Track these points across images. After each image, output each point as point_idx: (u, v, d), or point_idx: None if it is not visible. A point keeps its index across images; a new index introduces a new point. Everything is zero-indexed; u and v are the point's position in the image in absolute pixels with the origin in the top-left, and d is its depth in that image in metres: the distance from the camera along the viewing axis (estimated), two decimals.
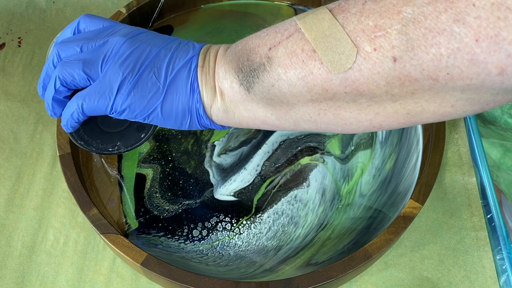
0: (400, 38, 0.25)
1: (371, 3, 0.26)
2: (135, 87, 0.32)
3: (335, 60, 0.27)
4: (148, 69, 0.33)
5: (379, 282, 0.41)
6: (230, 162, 0.46)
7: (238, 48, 0.32)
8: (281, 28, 0.30)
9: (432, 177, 0.41)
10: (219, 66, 0.33)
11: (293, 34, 0.29)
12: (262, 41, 0.31)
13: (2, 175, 0.47)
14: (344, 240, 0.42)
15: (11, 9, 0.59)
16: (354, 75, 0.27)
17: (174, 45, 0.34)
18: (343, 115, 0.30)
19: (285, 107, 0.31)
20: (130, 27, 0.35)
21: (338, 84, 0.28)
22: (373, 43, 0.26)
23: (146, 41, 0.34)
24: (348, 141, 0.47)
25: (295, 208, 0.44)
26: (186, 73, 0.33)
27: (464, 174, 0.47)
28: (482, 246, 0.43)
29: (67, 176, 0.41)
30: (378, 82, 0.27)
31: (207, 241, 0.42)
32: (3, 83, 0.53)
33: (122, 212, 0.44)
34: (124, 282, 0.41)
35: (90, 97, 0.33)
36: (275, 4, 0.57)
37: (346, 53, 0.27)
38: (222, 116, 0.34)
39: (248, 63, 0.31)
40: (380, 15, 0.26)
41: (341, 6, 0.28)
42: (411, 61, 0.25)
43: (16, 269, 0.42)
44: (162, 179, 0.45)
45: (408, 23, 0.25)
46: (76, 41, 0.34)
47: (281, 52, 0.29)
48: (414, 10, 0.24)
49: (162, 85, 0.33)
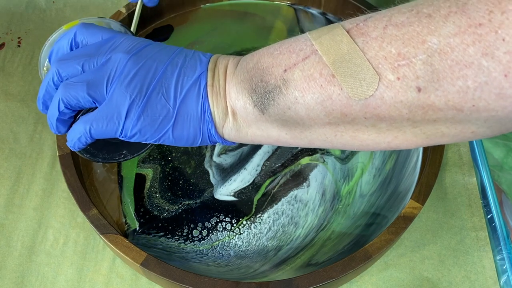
0: (425, 69, 0.24)
1: (392, 29, 0.25)
2: (145, 111, 0.31)
3: (355, 86, 0.26)
4: (156, 90, 0.31)
5: (379, 282, 0.41)
6: (230, 162, 0.46)
7: (249, 66, 0.31)
8: (296, 48, 0.29)
9: (432, 177, 0.41)
10: (231, 86, 0.32)
11: (309, 56, 0.28)
12: (275, 60, 0.30)
13: (2, 175, 0.47)
14: (344, 240, 0.42)
15: (11, 9, 0.59)
16: (375, 102, 0.26)
17: (180, 60, 0.32)
18: (361, 137, 0.30)
19: (300, 128, 0.31)
20: (131, 39, 0.33)
21: (358, 110, 0.27)
22: (397, 72, 0.25)
23: (150, 57, 0.32)
24: None
25: (295, 208, 0.44)
26: (196, 94, 0.32)
27: (465, 174, 0.46)
28: (482, 246, 0.43)
29: (66, 176, 0.41)
30: (401, 110, 0.26)
31: (207, 241, 0.42)
32: (3, 83, 0.53)
33: (122, 212, 0.44)
34: (124, 282, 0.41)
35: (98, 122, 0.32)
36: (275, 4, 0.57)
37: (368, 80, 0.26)
38: (234, 134, 0.33)
39: (262, 84, 0.30)
40: (403, 42, 0.25)
41: (360, 28, 0.27)
42: (436, 91, 0.24)
43: (15, 269, 0.42)
44: (162, 179, 0.45)
45: (434, 53, 0.24)
46: (76, 58, 0.33)
47: (297, 75, 0.28)
48: (440, 40, 0.24)
49: (172, 107, 0.31)
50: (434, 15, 0.24)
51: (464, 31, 0.23)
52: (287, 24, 0.55)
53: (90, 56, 0.32)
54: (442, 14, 0.24)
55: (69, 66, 0.32)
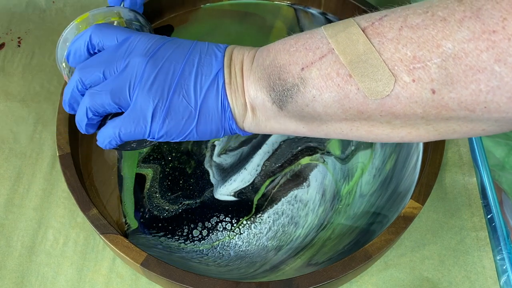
0: (440, 72, 0.25)
1: (408, 31, 0.26)
2: (169, 114, 0.32)
3: (372, 87, 0.27)
4: (177, 93, 0.32)
5: (379, 282, 0.41)
6: (230, 162, 0.46)
7: (266, 63, 0.32)
8: (312, 45, 0.30)
9: (432, 177, 0.41)
10: (249, 83, 0.33)
11: (326, 55, 0.29)
12: (292, 58, 0.30)
13: (2, 175, 0.47)
14: (344, 240, 0.42)
15: (10, 9, 0.59)
16: (391, 101, 0.27)
17: (196, 58, 0.33)
18: (376, 132, 0.31)
19: (317, 122, 0.32)
20: (145, 39, 0.34)
21: (374, 108, 0.28)
22: (412, 74, 0.26)
23: (167, 58, 0.33)
24: (348, 141, 0.47)
25: (295, 208, 0.44)
26: (215, 93, 0.33)
27: (465, 174, 0.46)
28: (482, 246, 0.43)
29: (66, 176, 0.41)
30: (415, 109, 0.27)
31: (207, 241, 0.42)
32: (3, 83, 0.53)
33: (122, 212, 0.44)
34: (124, 282, 0.41)
35: (126, 126, 0.33)
36: (275, 4, 0.57)
37: (384, 81, 0.27)
38: (254, 127, 0.34)
39: (280, 82, 0.31)
40: (418, 46, 0.25)
41: (376, 28, 0.27)
42: (449, 94, 0.25)
43: (15, 269, 0.42)
44: (162, 179, 0.45)
45: (448, 58, 0.25)
46: (96, 65, 0.34)
47: (315, 73, 0.29)
48: (455, 45, 0.24)
49: (194, 108, 0.33)
50: (449, 19, 0.25)
51: (478, 37, 0.24)
52: (287, 24, 0.55)
53: (109, 62, 0.33)
54: (457, 18, 0.24)
55: (91, 74, 0.34)
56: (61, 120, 0.44)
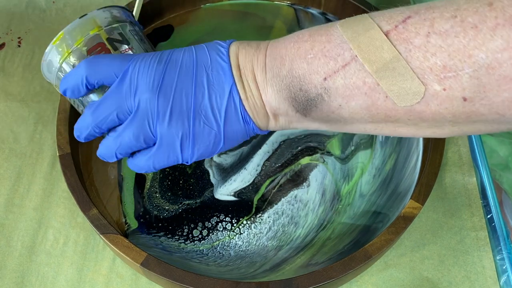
0: (472, 82, 0.24)
1: (437, 38, 0.25)
2: (196, 142, 0.33)
3: (401, 95, 0.26)
4: (197, 119, 0.32)
5: (379, 282, 0.41)
6: (230, 162, 0.46)
7: (282, 73, 0.31)
8: (332, 52, 0.28)
9: (432, 177, 0.41)
10: (268, 96, 0.32)
11: (349, 63, 0.27)
12: (311, 67, 0.29)
13: (2, 175, 0.47)
14: (344, 240, 0.42)
15: (11, 9, 0.59)
16: (420, 108, 0.27)
17: (203, 78, 0.32)
18: (400, 131, 0.30)
19: (342, 124, 0.31)
20: (146, 68, 0.32)
21: (403, 114, 0.28)
22: (443, 83, 0.25)
23: (176, 87, 0.32)
24: (348, 141, 0.47)
25: (295, 208, 0.44)
26: (233, 111, 0.32)
27: (464, 174, 0.47)
28: (482, 246, 0.43)
29: (66, 176, 0.41)
30: (445, 115, 0.27)
31: (207, 241, 0.42)
32: (3, 83, 0.53)
33: (122, 212, 0.44)
34: (124, 282, 0.41)
35: (159, 160, 0.34)
36: (275, 4, 0.57)
37: (414, 89, 0.26)
38: (276, 128, 0.35)
39: (302, 93, 0.30)
40: (449, 55, 0.25)
41: (400, 33, 0.26)
42: (481, 101, 0.25)
43: (15, 269, 0.42)
44: (162, 179, 0.45)
45: (481, 68, 0.24)
46: (107, 109, 0.33)
47: (339, 83, 0.28)
48: (488, 56, 0.24)
49: (218, 132, 0.33)
50: (481, 26, 0.24)
51: None
52: (287, 24, 0.55)
53: (119, 103, 0.33)
54: (489, 26, 0.23)
55: (106, 119, 0.33)
56: (61, 120, 0.44)
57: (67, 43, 0.36)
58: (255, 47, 0.33)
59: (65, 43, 0.36)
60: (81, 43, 0.36)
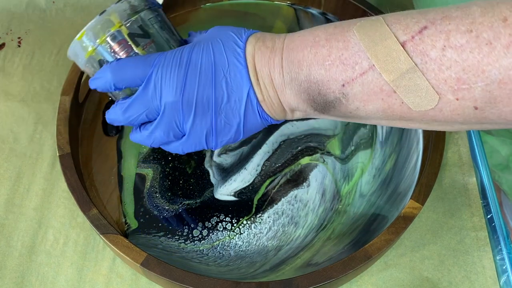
0: (484, 94, 0.26)
1: (452, 52, 0.26)
2: (218, 136, 0.35)
3: (416, 102, 0.28)
4: (219, 119, 0.34)
5: (379, 282, 0.41)
6: (230, 162, 0.46)
7: (300, 78, 0.32)
8: (350, 60, 0.29)
9: (432, 177, 0.41)
10: (286, 97, 0.33)
11: (367, 72, 0.29)
12: (329, 73, 0.30)
13: (2, 175, 0.47)
14: (344, 240, 0.42)
15: (11, 9, 0.59)
16: (434, 113, 0.28)
17: (223, 82, 0.33)
18: (412, 126, 0.32)
19: (357, 119, 0.33)
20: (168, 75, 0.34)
21: (417, 116, 0.29)
22: (456, 94, 0.27)
23: (197, 93, 0.34)
24: (348, 141, 0.47)
25: (295, 208, 0.44)
26: (251, 112, 0.34)
27: (464, 174, 0.47)
28: (482, 246, 0.43)
29: (66, 176, 0.41)
30: (456, 119, 0.28)
31: (207, 241, 0.42)
32: (3, 83, 0.53)
33: (122, 212, 0.44)
34: (124, 282, 0.41)
35: (188, 147, 0.37)
36: (275, 4, 0.57)
37: (429, 98, 0.27)
38: (293, 119, 0.37)
39: (320, 96, 0.31)
40: (463, 69, 0.26)
41: (417, 45, 0.27)
42: (491, 110, 0.26)
43: (15, 269, 0.42)
44: (162, 179, 0.45)
45: (493, 83, 0.25)
46: (137, 109, 0.35)
47: (357, 89, 0.29)
48: (501, 72, 0.25)
49: (237, 128, 0.35)
50: (495, 43, 0.25)
51: None
52: (287, 24, 0.55)
53: (147, 106, 0.35)
54: (503, 43, 0.24)
55: (137, 118, 0.36)
56: (61, 120, 0.44)
57: (90, 40, 0.37)
58: (271, 47, 0.33)
59: (88, 39, 0.37)
60: (104, 40, 0.37)
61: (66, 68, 0.54)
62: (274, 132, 0.48)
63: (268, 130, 0.48)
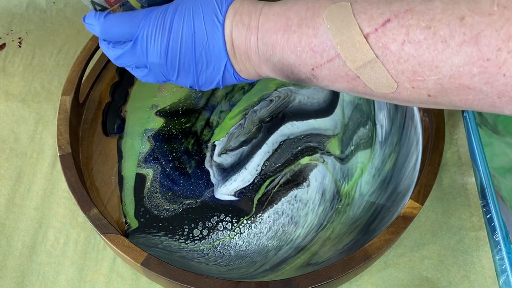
0: (436, 85, 0.28)
1: (410, 47, 0.28)
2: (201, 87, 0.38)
3: (377, 87, 0.31)
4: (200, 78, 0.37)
5: (379, 282, 0.41)
6: (230, 162, 0.46)
7: (274, 60, 0.34)
8: (319, 48, 0.31)
9: (431, 177, 0.41)
10: (263, 71, 0.36)
11: (333, 59, 0.31)
12: (299, 59, 0.32)
13: (3, 175, 0.47)
14: (344, 240, 0.42)
15: (11, 9, 0.59)
16: (393, 95, 0.31)
17: (203, 53, 0.36)
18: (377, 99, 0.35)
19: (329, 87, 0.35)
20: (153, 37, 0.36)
21: (379, 95, 0.32)
22: (412, 83, 0.29)
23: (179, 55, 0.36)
24: (348, 141, 0.48)
25: (295, 208, 0.44)
26: (228, 76, 0.37)
27: (464, 174, 0.47)
28: (481, 246, 0.43)
29: (67, 176, 0.42)
30: (413, 101, 0.31)
31: (207, 240, 0.42)
32: (4, 83, 0.53)
33: (122, 212, 0.44)
34: (124, 282, 0.42)
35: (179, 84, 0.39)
36: None
37: (387, 84, 0.30)
38: None
39: (294, 75, 0.34)
40: (419, 64, 0.28)
41: (379, 37, 0.29)
42: (442, 98, 0.29)
43: (16, 269, 0.42)
44: (163, 178, 0.45)
45: (445, 77, 0.28)
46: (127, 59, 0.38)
47: (325, 72, 0.32)
48: (452, 68, 0.27)
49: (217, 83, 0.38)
50: (450, 41, 0.27)
51: (474, 63, 0.26)
52: None
53: (136, 61, 0.38)
54: (457, 42, 0.26)
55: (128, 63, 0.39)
56: (62, 120, 0.44)
57: None
58: (247, 25, 0.35)
59: None
60: None
61: (67, 68, 0.54)
62: (274, 132, 0.48)
63: (268, 130, 0.48)
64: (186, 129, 0.48)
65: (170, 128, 0.48)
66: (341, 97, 0.50)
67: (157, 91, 0.51)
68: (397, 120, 0.48)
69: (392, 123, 0.48)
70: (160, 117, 0.49)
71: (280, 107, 0.50)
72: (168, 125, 0.49)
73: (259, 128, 0.48)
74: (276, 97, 0.50)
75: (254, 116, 0.49)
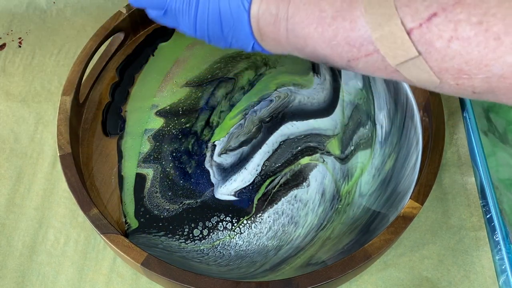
0: (483, 84, 0.26)
1: (458, 44, 0.25)
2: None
3: (419, 81, 0.29)
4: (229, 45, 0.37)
5: (378, 282, 0.42)
6: (230, 162, 0.46)
7: (306, 51, 0.33)
8: (356, 42, 0.29)
9: (431, 177, 0.41)
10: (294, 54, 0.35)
11: (372, 54, 0.29)
12: (335, 52, 0.31)
13: (3, 175, 0.47)
14: (344, 240, 0.42)
15: (11, 9, 0.59)
16: (435, 89, 0.29)
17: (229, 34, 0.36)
18: None
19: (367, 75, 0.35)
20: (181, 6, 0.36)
21: (420, 86, 0.30)
22: (457, 81, 0.27)
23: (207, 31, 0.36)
24: (348, 141, 0.48)
25: (295, 208, 0.44)
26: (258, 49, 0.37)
27: (464, 174, 0.47)
28: (481, 246, 0.43)
29: (67, 176, 0.42)
30: (456, 95, 0.29)
31: (207, 240, 0.42)
32: (4, 83, 0.53)
33: (122, 212, 0.44)
34: (124, 282, 0.42)
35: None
36: None
37: (430, 80, 0.28)
38: None
39: (328, 64, 0.33)
40: (466, 62, 0.25)
41: (423, 33, 0.26)
42: (488, 95, 0.27)
43: (16, 269, 0.42)
44: (163, 178, 0.45)
45: (494, 75, 0.25)
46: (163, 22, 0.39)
47: (362, 65, 0.30)
48: (503, 68, 0.25)
49: None
50: (504, 38, 0.24)
51: None
52: None
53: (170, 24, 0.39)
54: None
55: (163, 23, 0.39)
56: (62, 120, 0.44)
57: None
58: (275, 15, 0.33)
59: None
60: None
61: (67, 68, 0.54)
62: (274, 132, 0.48)
63: (268, 130, 0.48)
64: (186, 129, 0.48)
65: (170, 128, 0.48)
66: (341, 97, 0.50)
67: (157, 91, 0.51)
68: (397, 120, 0.48)
69: (392, 123, 0.48)
70: (160, 117, 0.49)
71: (280, 107, 0.50)
72: (168, 125, 0.49)
73: (259, 128, 0.48)
74: (276, 97, 0.50)
75: (254, 116, 0.49)
